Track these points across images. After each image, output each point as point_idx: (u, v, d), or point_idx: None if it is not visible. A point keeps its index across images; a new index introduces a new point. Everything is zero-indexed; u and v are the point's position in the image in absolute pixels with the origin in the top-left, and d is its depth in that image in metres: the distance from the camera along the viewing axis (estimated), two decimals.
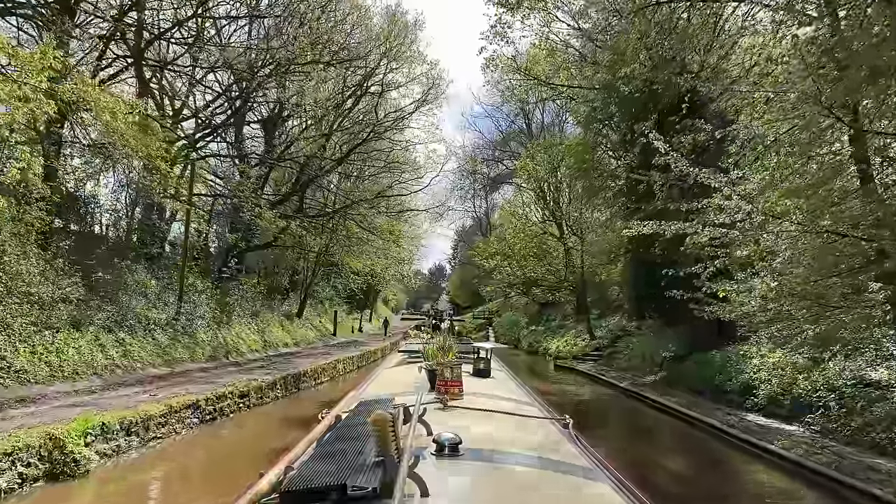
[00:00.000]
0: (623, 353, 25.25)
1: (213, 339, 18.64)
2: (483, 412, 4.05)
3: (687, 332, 19.75)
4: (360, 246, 30.42)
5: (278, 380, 14.40)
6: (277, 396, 14.20)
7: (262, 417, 12.66)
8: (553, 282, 33.21)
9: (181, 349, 16.45)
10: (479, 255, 37.15)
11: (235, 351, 19.37)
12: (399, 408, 3.27)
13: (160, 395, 10.96)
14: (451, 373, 4.53)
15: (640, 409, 15.76)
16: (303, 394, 16.07)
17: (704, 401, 14.54)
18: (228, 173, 27.05)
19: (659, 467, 9.94)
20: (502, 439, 3.38)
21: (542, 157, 30.95)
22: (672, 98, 17.63)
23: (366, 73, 25.52)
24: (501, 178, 54.57)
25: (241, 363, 17.91)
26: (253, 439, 11.04)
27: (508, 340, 46.63)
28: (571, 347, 31.18)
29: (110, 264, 17.04)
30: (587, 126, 19.91)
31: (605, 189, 19.51)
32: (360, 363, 23.45)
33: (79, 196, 20.10)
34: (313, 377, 17.26)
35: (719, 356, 15.90)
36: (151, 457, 9.03)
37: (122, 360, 13.59)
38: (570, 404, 16.15)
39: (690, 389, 16.18)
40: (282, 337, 24.86)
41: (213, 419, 11.26)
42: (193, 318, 19.18)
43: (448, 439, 2.81)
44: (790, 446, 9.58)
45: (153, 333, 16.01)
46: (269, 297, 29.60)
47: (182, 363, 15.77)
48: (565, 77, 23.65)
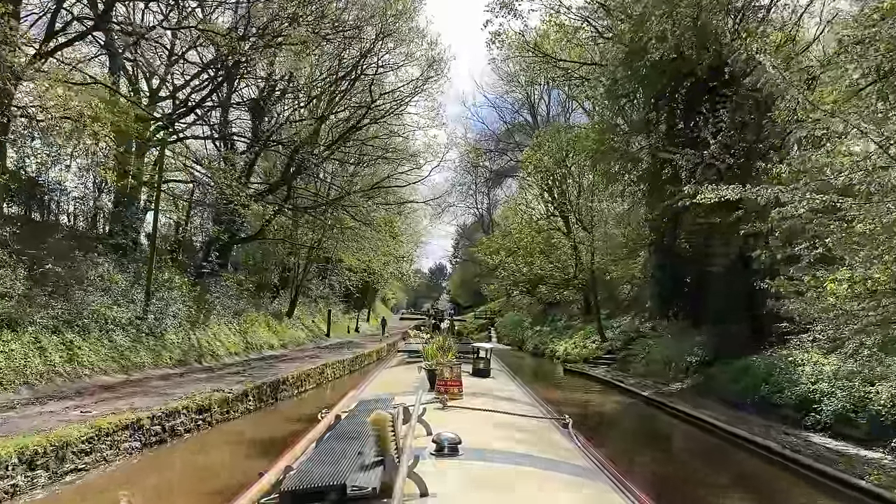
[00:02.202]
0: (639, 356, 23.23)
1: (184, 340, 16.57)
2: (483, 412, 4.04)
3: (714, 333, 17.74)
4: (355, 241, 28.36)
5: (251, 389, 12.31)
6: (249, 409, 12.11)
7: (228, 436, 10.57)
8: (560, 279, 31.11)
9: (144, 352, 14.38)
10: (483, 252, 35.03)
11: (211, 354, 17.29)
12: (399, 408, 3.25)
13: (95, 411, 8.88)
14: (451, 373, 4.56)
15: (670, 423, 13.67)
16: (282, 405, 13.98)
17: (748, 415, 12.45)
18: (214, 161, 24.95)
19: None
20: (502, 439, 3.38)
21: (550, 146, 28.84)
22: (703, 72, 15.57)
23: (361, 51, 23.40)
24: (505, 171, 52.46)
25: (214, 368, 15.83)
26: (209, 468, 8.96)
27: (512, 341, 44.65)
28: (581, 350, 29.14)
29: (67, 256, 14.99)
30: (607, 103, 17.80)
31: (626, 174, 17.41)
32: (351, 367, 21.37)
33: (40, 181, 18.09)
34: (295, 384, 15.16)
35: (762, 362, 13.82)
36: (66, 497, 6.96)
37: (65, 367, 11.51)
38: (591, 417, 14.09)
39: (725, 401, 14.10)
40: (267, 338, 22.77)
41: (160, 441, 9.18)
42: (164, 318, 17.10)
43: (448, 439, 2.80)
44: (890, 484, 7.47)
45: (111, 334, 13.94)
46: (257, 295, 27.53)
47: (142, 369, 13.69)
48: (578, 55, 21.57)
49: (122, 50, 19.29)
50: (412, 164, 28.47)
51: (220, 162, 23.04)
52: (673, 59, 15.56)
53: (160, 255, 22.27)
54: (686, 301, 17.64)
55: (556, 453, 3.33)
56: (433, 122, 27.07)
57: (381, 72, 25.14)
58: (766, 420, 11.80)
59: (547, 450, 3.41)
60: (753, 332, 16.29)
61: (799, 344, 14.61)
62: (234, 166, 22.03)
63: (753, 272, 16.67)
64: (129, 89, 20.99)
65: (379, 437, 2.24)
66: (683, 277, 17.26)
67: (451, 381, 4.52)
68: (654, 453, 11.26)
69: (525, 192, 37.30)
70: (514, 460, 2.99)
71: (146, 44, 19.58)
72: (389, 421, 2.25)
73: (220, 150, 24.53)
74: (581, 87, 23.82)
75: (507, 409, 4.35)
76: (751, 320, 16.57)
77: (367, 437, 2.48)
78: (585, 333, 31.16)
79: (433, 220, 53.97)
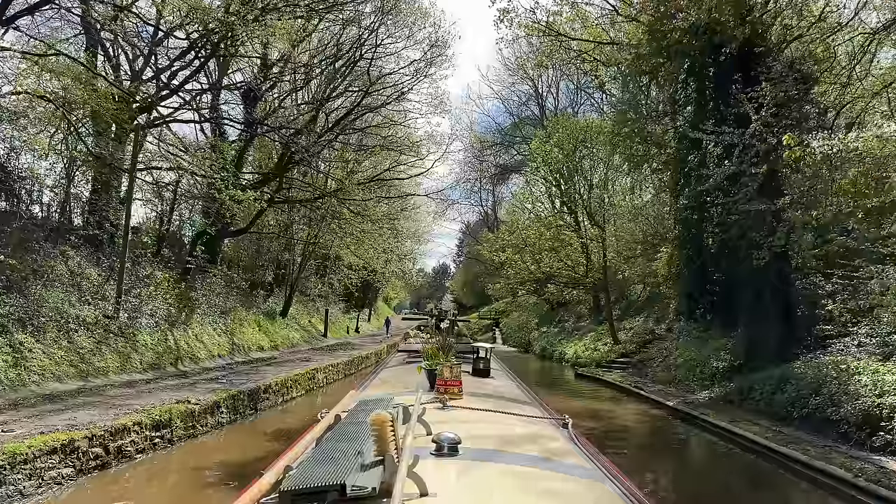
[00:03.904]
0: (657, 360, 21.56)
1: (159, 342, 14.99)
2: (482, 412, 4.06)
3: (743, 336, 16.07)
4: (353, 236, 26.75)
5: (223, 399, 10.67)
6: (221, 423, 10.47)
7: (190, 458, 8.95)
8: (570, 278, 29.41)
9: (110, 356, 12.80)
10: (489, 249, 33.38)
11: (190, 357, 15.70)
12: (399, 407, 3.23)
13: (20, 429, 7.29)
14: (451, 372, 4.53)
15: (708, 441, 11.97)
16: (264, 415, 12.36)
17: (798, 432, 10.77)
18: (201, 150, 23.38)
19: None
20: (502, 439, 3.38)
21: (560, 136, 27.17)
22: (737, 44, 13.89)
23: (360, 29, 21.80)
24: (511, 166, 50.69)
25: (190, 373, 14.23)
26: (156, 500, 7.36)
27: (517, 343, 43.01)
28: (592, 353, 27.45)
29: (24, 246, 13.46)
30: (628, 82, 16.11)
31: (650, 159, 15.71)
32: (347, 371, 19.75)
33: (6, 167, 16.58)
34: (280, 392, 13.52)
35: (807, 370, 12.13)
36: None
37: (7, 373, 9.94)
38: (614, 432, 12.42)
39: (765, 413, 12.42)
40: (257, 339, 21.16)
41: (102, 466, 7.57)
42: (139, 316, 15.56)
43: (447, 439, 2.80)
44: None
45: (72, 335, 12.37)
46: (250, 294, 26.00)
47: (105, 375, 12.10)
48: (593, 35, 19.91)
49: (99, 26, 17.78)
50: (414, 155, 26.80)
51: (208, 150, 21.53)
52: (704, 31, 13.91)
53: (143, 250, 20.81)
54: (714, 300, 15.96)
55: (556, 453, 3.32)
56: (437, 110, 25.37)
57: (381, 55, 23.51)
58: (821, 439, 10.11)
59: (547, 449, 3.40)
60: (785, 334, 14.65)
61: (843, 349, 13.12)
62: (224, 155, 20.43)
63: (794, 268, 15.07)
64: (108, 68, 19.49)
65: (379, 436, 2.23)
66: (713, 274, 15.58)
67: (450, 381, 4.47)
68: (700, 484, 9.57)
69: (532, 186, 35.60)
70: (514, 460, 3.01)
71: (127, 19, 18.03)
72: (389, 421, 2.24)
73: (209, 138, 22.99)
74: (595, 70, 22.17)
75: (507, 409, 4.33)
76: (784, 321, 14.93)
77: (367, 437, 2.45)
78: (596, 335, 29.49)
79: (437, 218, 52.47)
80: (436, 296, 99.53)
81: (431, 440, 2.85)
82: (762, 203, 11.39)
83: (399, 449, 2.29)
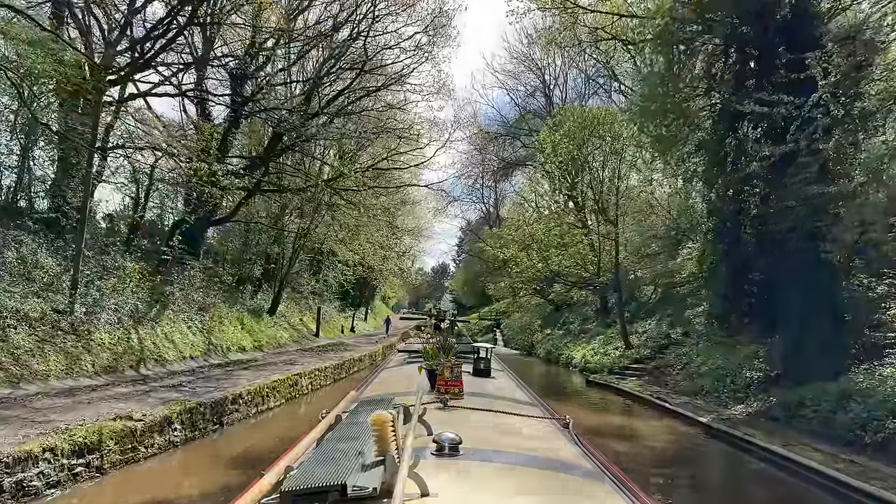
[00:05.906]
0: (675, 367, 19.71)
1: (120, 341, 13.11)
2: (483, 412, 4.01)
3: (782, 343, 14.24)
4: (348, 226, 24.90)
5: (178, 412, 8.78)
6: (174, 443, 8.57)
7: (129, 489, 7.07)
8: (579, 277, 27.56)
9: (54, 357, 10.91)
10: (492, 245, 31.50)
11: (155, 358, 13.80)
12: (399, 408, 3.20)
13: None
14: (451, 373, 4.49)
15: (757, 469, 10.06)
16: (231, 429, 10.46)
17: (875, 463, 8.90)
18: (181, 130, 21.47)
19: None
20: (502, 439, 3.35)
21: (570, 126, 25.34)
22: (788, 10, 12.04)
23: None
24: (515, 161, 48.75)
25: (151, 377, 12.33)
26: None
27: (520, 345, 41.10)
28: (602, 357, 25.57)
29: None
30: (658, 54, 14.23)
31: (682, 142, 13.85)
32: (336, 375, 17.86)
33: None
34: (253, 402, 11.60)
35: (875, 387, 10.28)
36: None
37: None
38: (647, 457, 10.53)
39: (822, 435, 10.56)
40: (238, 339, 19.25)
41: None
42: (99, 311, 13.69)
43: (448, 439, 2.76)
44: None
45: (7, 332, 10.49)
46: (235, 289, 24.13)
47: (45, 380, 10.21)
48: (613, 8, 18.09)
49: None
50: (415, 142, 24.94)
51: (189, 130, 19.69)
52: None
53: (115, 238, 18.96)
54: (752, 302, 14.12)
55: (556, 453, 3.23)
56: (438, 93, 23.51)
57: (380, 32, 21.64)
58: None
59: (548, 450, 3.31)
60: (831, 342, 12.81)
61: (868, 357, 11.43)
62: (207, 134, 18.53)
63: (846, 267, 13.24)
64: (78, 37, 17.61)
65: (379, 437, 2.21)
66: (750, 273, 13.73)
67: (451, 381, 4.43)
68: None
69: (539, 179, 33.75)
70: (514, 460, 2.96)
71: None
72: (390, 421, 2.22)
73: (188, 115, 21.14)
74: (609, 54, 20.33)
75: (507, 409, 4.24)
76: (831, 327, 13.09)
77: (368, 437, 2.42)
78: (606, 339, 27.62)
79: (437, 214, 50.71)
80: (435, 295, 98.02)
81: (432, 440, 2.82)
82: (828, 185, 9.52)
83: (400, 449, 2.26)
